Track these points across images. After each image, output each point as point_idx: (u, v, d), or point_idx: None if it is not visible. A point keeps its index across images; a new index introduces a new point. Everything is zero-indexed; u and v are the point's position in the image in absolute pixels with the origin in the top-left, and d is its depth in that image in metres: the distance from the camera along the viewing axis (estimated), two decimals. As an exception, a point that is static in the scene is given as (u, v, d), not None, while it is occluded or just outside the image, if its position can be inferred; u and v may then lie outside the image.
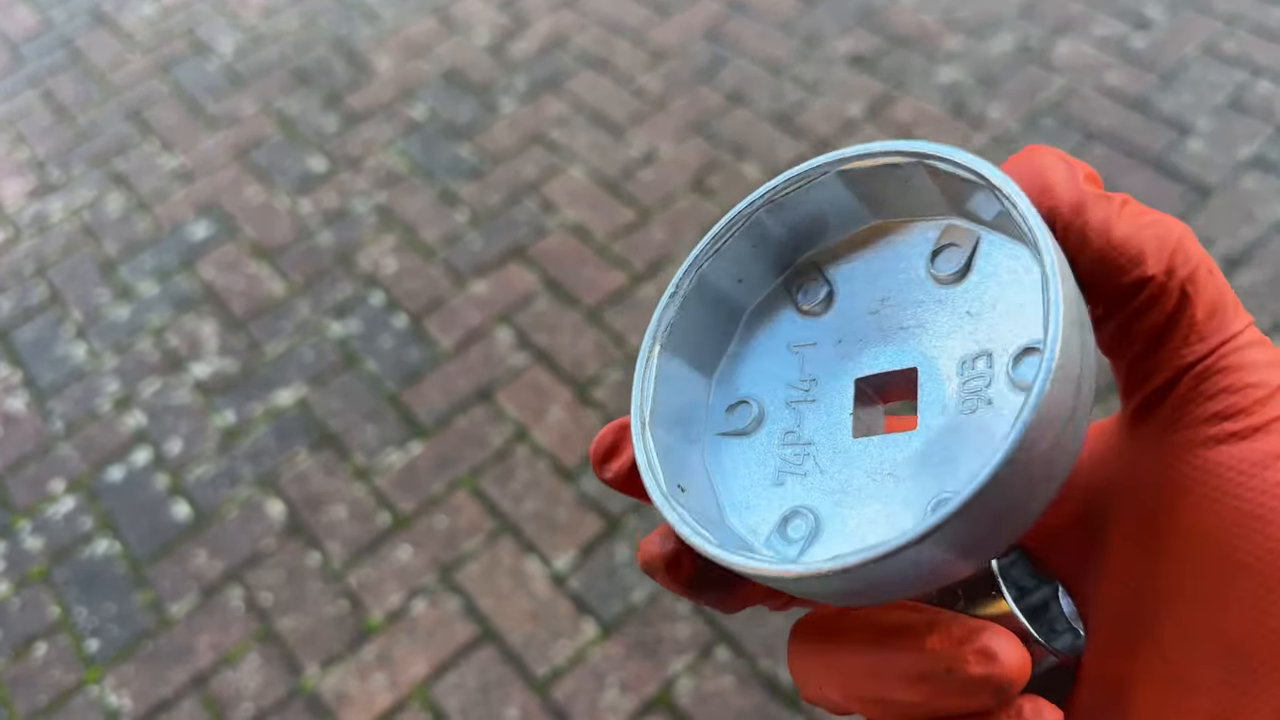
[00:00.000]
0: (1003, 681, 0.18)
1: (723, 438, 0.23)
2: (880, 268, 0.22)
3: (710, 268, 0.23)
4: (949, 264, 0.21)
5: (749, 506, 0.22)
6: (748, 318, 0.24)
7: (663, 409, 0.23)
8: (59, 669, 1.32)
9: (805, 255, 0.24)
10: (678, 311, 0.23)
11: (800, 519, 0.21)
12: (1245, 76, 1.74)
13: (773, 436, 0.22)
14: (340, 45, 2.12)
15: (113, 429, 1.55)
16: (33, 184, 1.96)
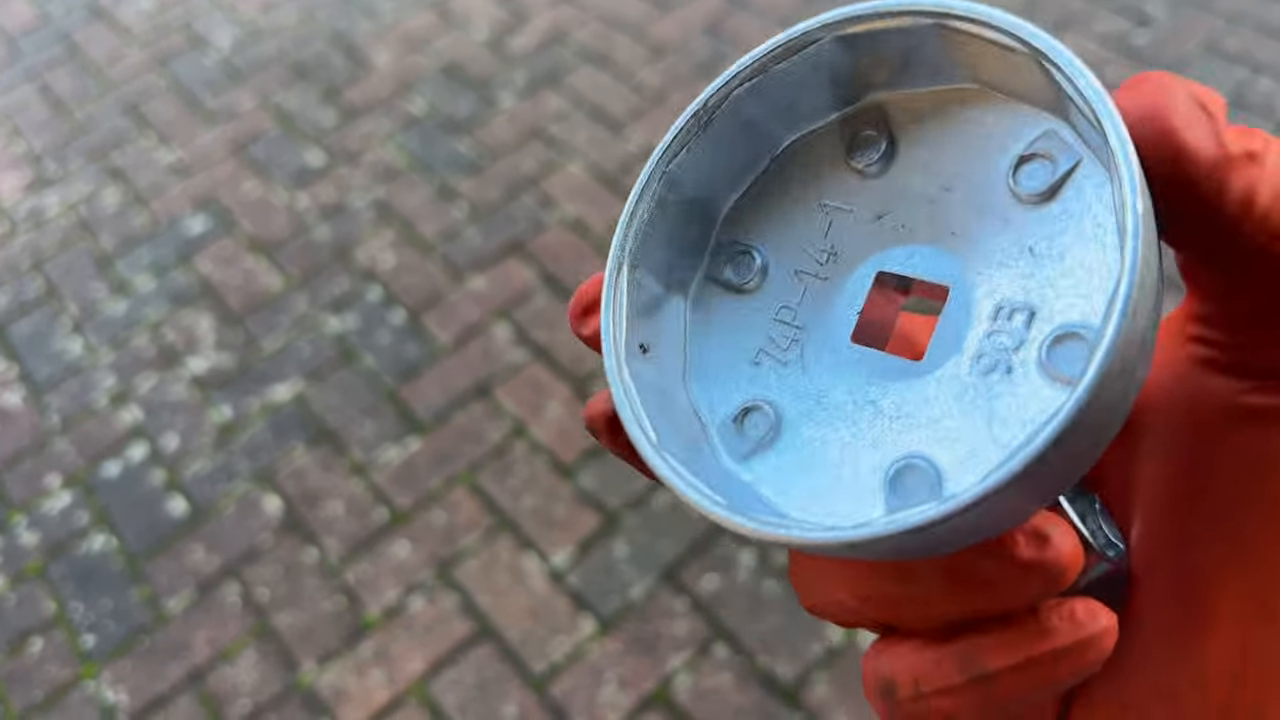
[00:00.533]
0: (1055, 567, 0.16)
1: (713, 287, 0.20)
2: (955, 144, 0.19)
3: (748, 92, 0.19)
4: (1033, 180, 0.17)
5: (716, 380, 0.19)
6: (784, 152, 0.20)
7: (651, 246, 0.20)
8: (55, 665, 1.32)
9: (874, 96, 0.19)
10: (699, 136, 0.19)
11: (761, 415, 0.19)
12: (1246, 74, 1.73)
13: (768, 305, 0.19)
14: (338, 39, 2.11)
15: (109, 424, 1.54)
16: (29, 178, 1.95)
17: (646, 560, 1.31)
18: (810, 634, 1.23)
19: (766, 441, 0.18)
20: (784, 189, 0.20)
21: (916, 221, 0.18)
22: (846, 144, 0.19)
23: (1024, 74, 0.17)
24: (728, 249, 0.20)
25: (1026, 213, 0.17)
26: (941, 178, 0.18)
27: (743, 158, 0.20)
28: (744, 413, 0.19)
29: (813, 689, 1.19)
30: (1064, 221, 0.17)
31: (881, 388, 0.18)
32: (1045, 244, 0.17)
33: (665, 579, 1.29)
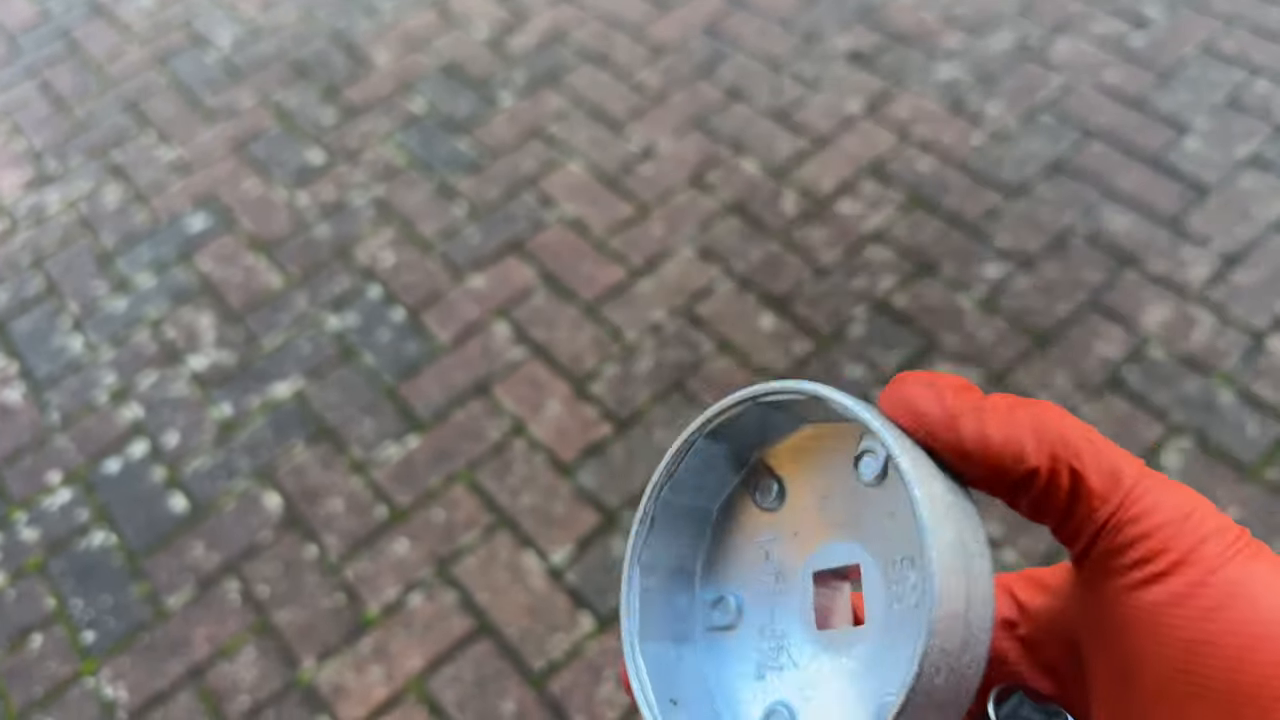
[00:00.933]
0: None
1: (712, 633, 0.26)
2: (818, 466, 0.25)
3: (669, 492, 0.26)
4: (869, 470, 0.24)
5: (738, 701, 0.25)
6: (717, 517, 0.27)
7: (652, 621, 0.25)
8: (55, 660, 1.32)
9: (755, 455, 0.26)
10: (650, 533, 0.26)
11: (780, 715, 0.24)
12: (1243, 76, 1.74)
13: (751, 630, 0.25)
14: (339, 38, 2.12)
15: (110, 421, 1.55)
16: (29, 175, 1.95)
17: (645, 558, 1.31)
18: (808, 632, 1.23)
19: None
20: (728, 543, 0.26)
21: (818, 526, 0.25)
22: (753, 495, 0.26)
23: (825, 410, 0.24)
24: (710, 602, 0.26)
25: (875, 492, 0.24)
26: (820, 490, 0.25)
27: (691, 532, 0.26)
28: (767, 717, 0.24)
29: (810, 687, 1.20)
30: (898, 490, 0.23)
31: (850, 653, 0.23)
32: (895, 508, 0.23)
33: (664, 577, 1.30)
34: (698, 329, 1.53)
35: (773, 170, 1.72)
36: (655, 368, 1.49)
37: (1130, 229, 1.56)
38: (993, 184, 1.65)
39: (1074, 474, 0.22)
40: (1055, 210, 1.60)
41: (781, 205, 1.67)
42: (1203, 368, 1.39)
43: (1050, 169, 1.65)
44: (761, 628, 0.25)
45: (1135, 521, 0.21)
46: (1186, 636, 0.20)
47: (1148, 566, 0.21)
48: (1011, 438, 0.22)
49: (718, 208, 1.68)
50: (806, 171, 1.71)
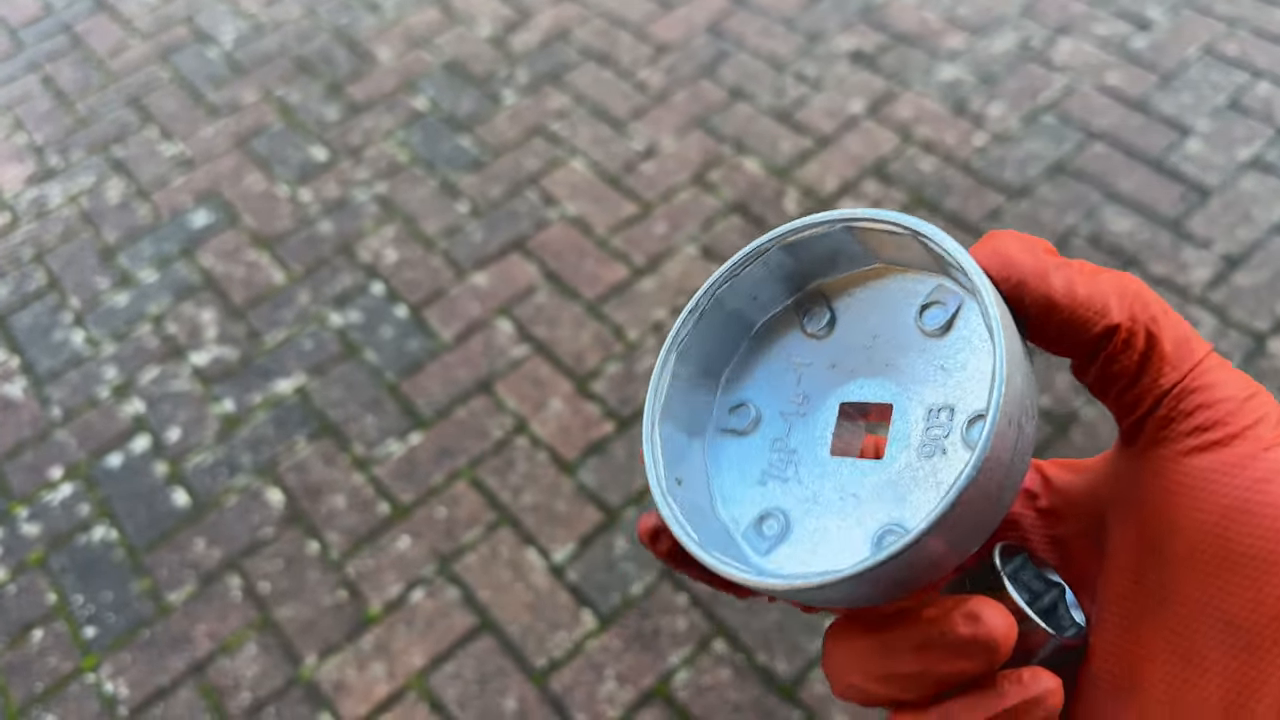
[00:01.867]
0: (988, 640, 0.21)
1: (723, 434, 0.27)
2: (877, 307, 0.26)
3: (726, 291, 0.26)
4: (933, 320, 0.24)
5: (735, 500, 0.25)
6: (758, 330, 0.27)
7: (673, 406, 0.26)
8: (56, 656, 1.32)
9: (814, 283, 0.27)
10: (695, 325, 0.26)
11: (774, 519, 0.25)
12: (1245, 78, 1.74)
13: (764, 440, 0.26)
14: (341, 35, 2.12)
15: (111, 416, 1.55)
16: (31, 169, 1.95)
17: (646, 556, 1.32)
18: (808, 631, 1.24)
19: (780, 537, 0.24)
20: (763, 356, 0.27)
21: (860, 363, 0.25)
22: (801, 318, 0.27)
23: (912, 249, 0.24)
24: (729, 404, 0.27)
25: (934, 342, 0.24)
26: (871, 329, 0.26)
27: (730, 337, 0.27)
28: (760, 519, 0.25)
29: (811, 686, 1.20)
30: (961, 343, 0.24)
31: (858, 483, 0.24)
32: (951, 361, 0.24)
33: (665, 575, 1.30)
34: (700, 328, 1.53)
35: (775, 170, 1.73)
36: (657, 366, 1.49)
37: (1132, 230, 1.56)
38: (995, 185, 1.65)
39: (1149, 336, 0.23)
40: (1057, 211, 1.60)
41: (784, 205, 1.67)
42: (1204, 370, 1.40)
43: (1052, 170, 1.66)
44: (774, 440, 0.26)
45: (1199, 391, 0.22)
46: (1228, 503, 0.21)
47: (1204, 434, 0.22)
48: (1097, 293, 0.23)
49: (720, 207, 1.68)
50: (809, 171, 1.72)
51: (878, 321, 0.25)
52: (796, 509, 0.24)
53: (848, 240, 0.25)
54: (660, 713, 1.20)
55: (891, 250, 0.25)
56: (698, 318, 0.26)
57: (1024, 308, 0.23)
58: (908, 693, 0.22)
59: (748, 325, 0.27)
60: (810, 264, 0.26)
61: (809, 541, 0.24)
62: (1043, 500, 0.26)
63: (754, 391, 0.27)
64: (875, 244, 0.25)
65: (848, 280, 0.26)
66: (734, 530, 0.25)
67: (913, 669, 0.22)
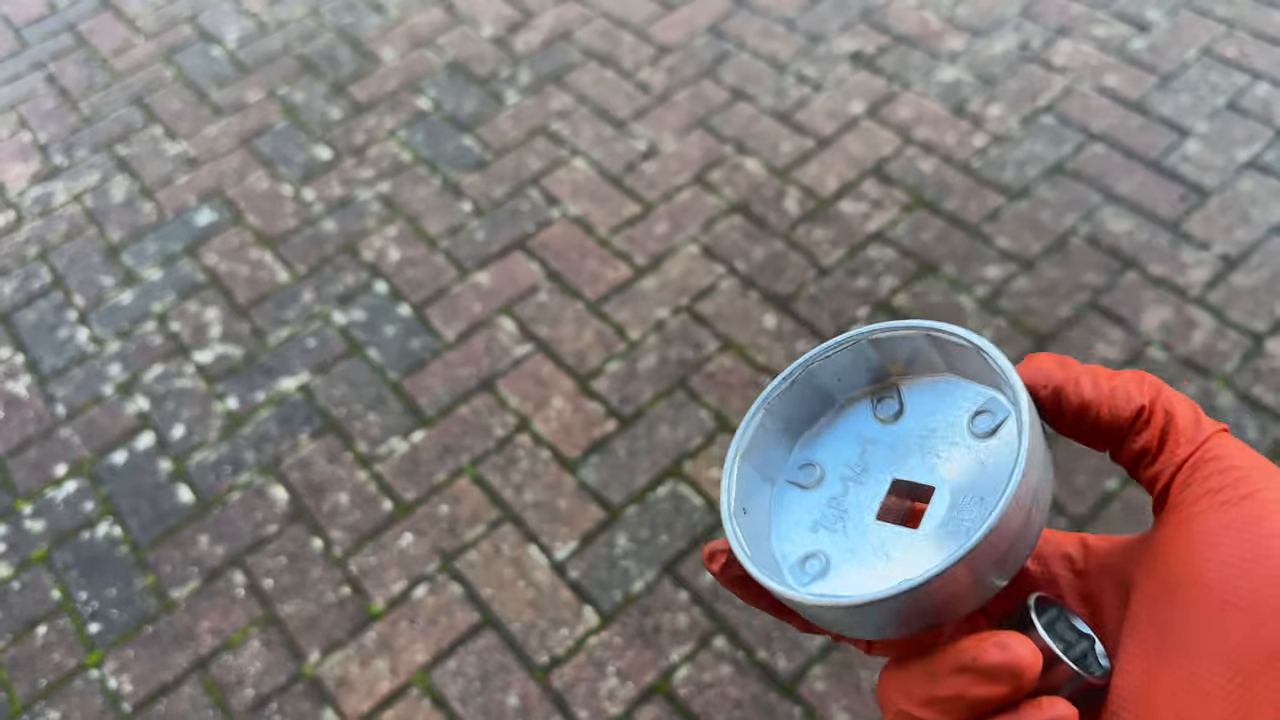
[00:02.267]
0: (1015, 665, 0.24)
1: (790, 485, 0.31)
2: (938, 407, 0.31)
3: (817, 367, 0.32)
4: (982, 425, 0.29)
5: (788, 539, 0.30)
6: (839, 405, 0.32)
7: (754, 451, 0.31)
8: (60, 652, 1.33)
9: (893, 377, 0.32)
10: (786, 390, 0.32)
11: (816, 560, 0.29)
12: (1244, 80, 1.75)
13: (824, 496, 0.31)
14: (345, 34, 2.13)
15: (116, 413, 1.56)
16: (36, 167, 1.96)
17: (648, 554, 1.33)
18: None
19: (819, 575, 0.29)
20: (836, 426, 0.32)
21: (914, 449, 0.30)
22: (875, 403, 0.32)
23: (974, 362, 0.29)
24: (800, 461, 0.32)
25: (978, 443, 0.29)
26: (930, 424, 0.30)
27: (813, 406, 0.32)
28: (805, 558, 0.29)
29: (811, 683, 1.21)
30: (1000, 447, 0.29)
31: (893, 545, 0.29)
32: (990, 460, 0.28)
33: (666, 573, 1.31)
34: (701, 327, 1.54)
35: (776, 170, 1.73)
36: (659, 365, 1.50)
37: (1130, 231, 1.57)
38: (994, 185, 1.66)
39: (1168, 415, 0.27)
40: (1056, 212, 1.61)
41: (784, 205, 1.68)
42: (1202, 370, 1.41)
43: (1051, 171, 1.67)
44: (831, 498, 0.30)
45: (1213, 461, 0.26)
46: (1236, 555, 0.24)
47: (1217, 496, 0.25)
48: (1120, 384, 0.28)
49: (721, 207, 1.69)
50: (809, 171, 1.72)
51: (936, 419, 0.30)
52: (837, 556, 0.29)
53: (924, 345, 0.30)
54: (661, 709, 1.21)
55: (958, 360, 0.30)
56: (789, 384, 0.32)
57: (1060, 411, 0.28)
58: (947, 716, 0.25)
59: (829, 400, 0.32)
60: (891, 361, 0.31)
61: (841, 583, 0.28)
62: (1079, 563, 0.30)
63: (823, 454, 0.31)
64: (945, 352, 0.30)
65: (919, 380, 0.31)
66: (782, 563, 0.30)
67: (950, 693, 0.25)
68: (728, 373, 1.48)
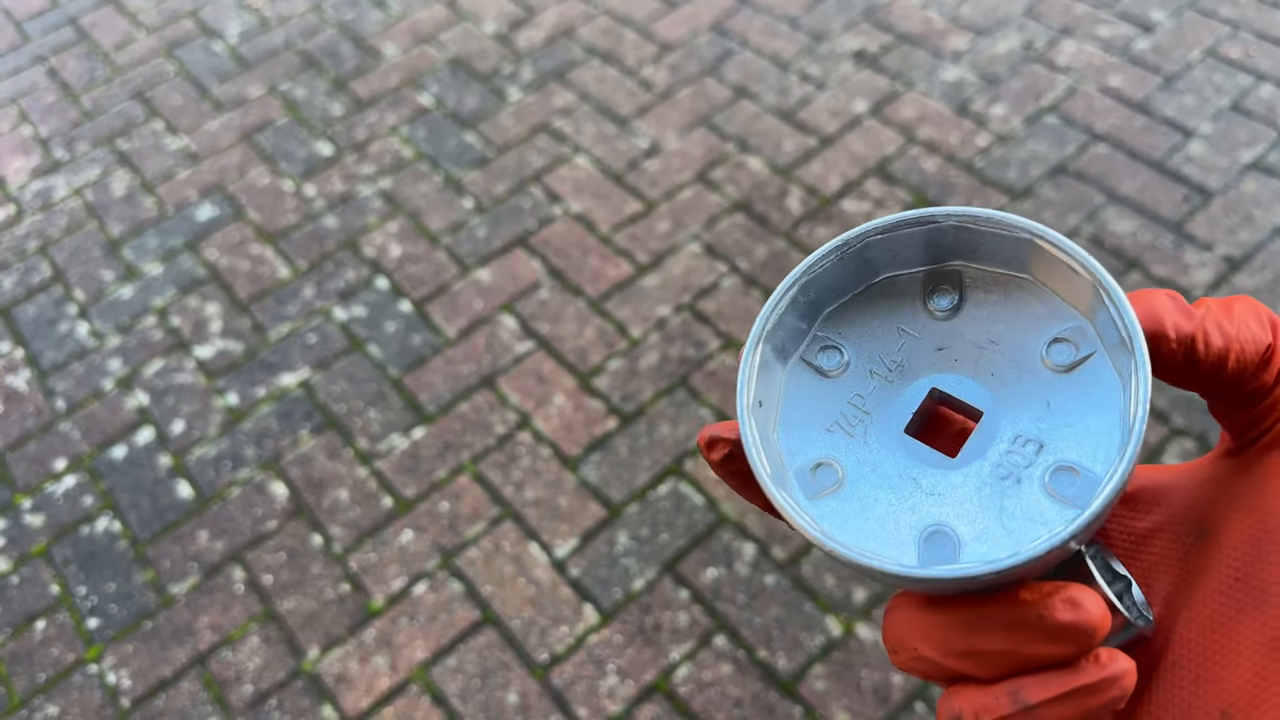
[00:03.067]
0: (1086, 627, 0.21)
1: (806, 366, 0.26)
2: (1007, 315, 0.25)
3: (876, 240, 0.26)
4: (1060, 356, 0.24)
5: (797, 435, 0.25)
6: (880, 283, 0.26)
7: (777, 328, 0.26)
8: (58, 647, 1.33)
9: (955, 262, 0.26)
10: (835, 262, 0.26)
11: (830, 471, 0.24)
12: (1248, 81, 1.75)
13: (846, 390, 0.25)
14: (347, 30, 2.12)
15: (115, 408, 1.55)
16: (36, 161, 1.96)
17: (648, 552, 1.32)
18: (809, 627, 1.24)
19: (832, 490, 0.24)
20: (873, 309, 0.26)
21: (967, 359, 0.25)
22: (927, 291, 0.26)
23: (1073, 284, 0.24)
24: (822, 341, 0.26)
25: (1050, 376, 0.24)
26: (992, 334, 0.25)
27: (851, 280, 0.26)
28: (818, 465, 0.24)
29: (811, 682, 1.20)
30: (1079, 389, 0.24)
31: (922, 470, 0.24)
32: (1060, 402, 0.24)
33: (666, 571, 1.31)
34: (703, 325, 1.54)
35: (778, 168, 1.73)
36: (660, 363, 1.50)
37: (1134, 232, 1.57)
38: (997, 185, 1.66)
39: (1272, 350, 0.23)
40: (1059, 212, 1.61)
41: (787, 203, 1.68)
42: (1204, 371, 1.40)
43: (1054, 171, 1.66)
44: (855, 395, 0.25)
45: None
46: None
47: None
48: (1243, 323, 0.24)
49: (724, 205, 1.69)
50: (812, 170, 1.72)
51: (1001, 329, 0.25)
52: (855, 469, 0.24)
53: (1020, 249, 0.25)
54: (661, 708, 1.20)
55: (1050, 275, 0.25)
56: (839, 256, 0.26)
57: (1192, 364, 0.24)
58: (984, 670, 0.22)
59: (872, 273, 0.26)
60: (966, 248, 0.26)
61: (858, 505, 0.24)
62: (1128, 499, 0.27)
63: (851, 339, 0.26)
64: (1041, 263, 0.25)
65: (989, 277, 0.26)
66: (788, 462, 0.25)
67: (999, 647, 0.22)
68: (729, 371, 1.48)
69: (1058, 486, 0.23)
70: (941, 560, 0.23)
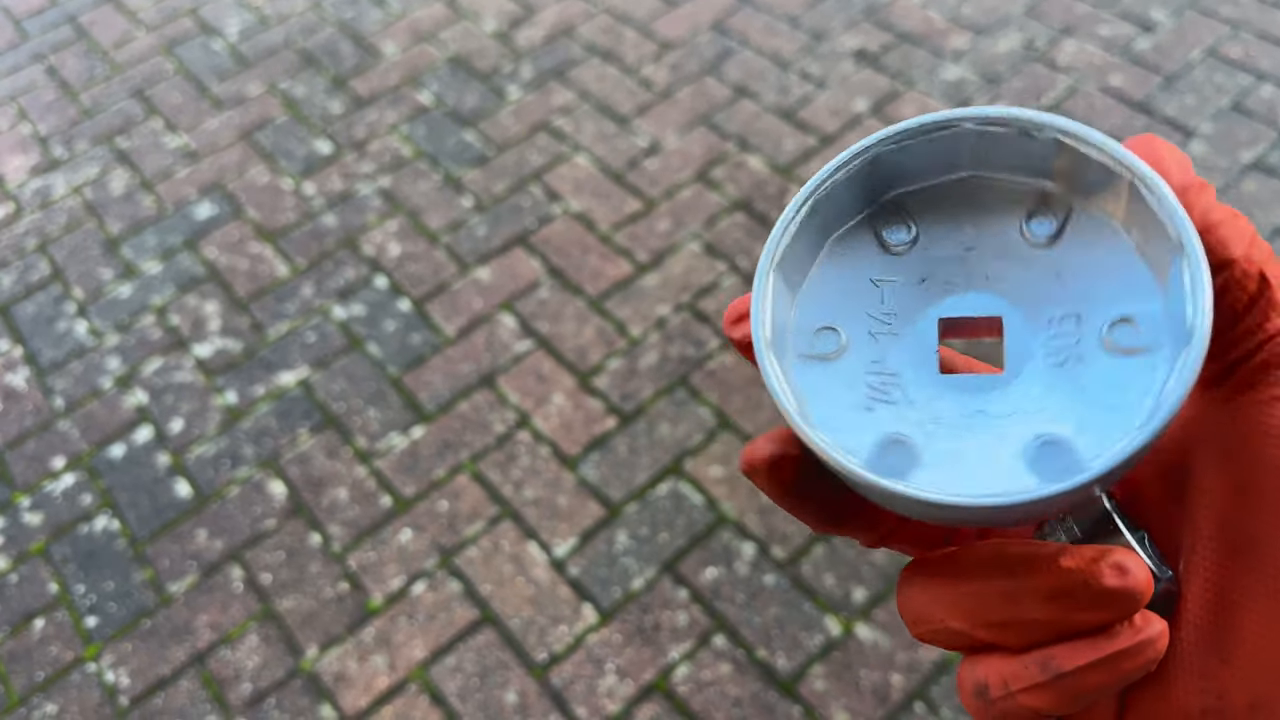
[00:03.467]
0: (1135, 592, 0.20)
1: (806, 361, 0.24)
2: (970, 218, 0.24)
3: (819, 197, 0.24)
4: (1042, 228, 0.23)
5: (839, 429, 0.22)
6: (830, 244, 0.24)
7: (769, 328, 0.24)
8: (57, 645, 1.33)
9: (892, 193, 0.24)
10: (793, 237, 0.23)
11: (898, 445, 0.22)
12: (1248, 80, 1.75)
13: (858, 363, 0.23)
14: (346, 28, 2.12)
15: (114, 407, 1.55)
16: (36, 160, 1.95)
17: (647, 552, 1.32)
18: (809, 627, 1.24)
19: (911, 463, 0.22)
20: (837, 275, 0.24)
21: (954, 275, 0.23)
22: (877, 232, 0.24)
23: (1022, 155, 0.22)
24: (814, 328, 0.24)
25: (1041, 252, 0.23)
26: (964, 241, 0.23)
27: (810, 252, 0.24)
28: (882, 445, 0.22)
29: (811, 681, 1.20)
30: (1076, 250, 0.22)
31: (983, 398, 0.22)
32: (1067, 269, 0.22)
33: (666, 570, 1.30)
34: (702, 324, 1.53)
35: (778, 167, 1.73)
36: (660, 362, 1.50)
37: (1134, 232, 1.56)
38: (998, 185, 1.66)
39: (1263, 280, 0.22)
40: (1060, 212, 1.61)
41: (786, 202, 1.68)
42: (1204, 371, 1.40)
43: (1055, 171, 1.66)
44: (871, 362, 0.23)
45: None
46: None
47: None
48: (1223, 223, 0.22)
49: (724, 204, 1.69)
50: (812, 169, 1.72)
51: (970, 233, 0.23)
52: (917, 432, 0.22)
53: (948, 146, 0.23)
54: (660, 707, 1.20)
55: (998, 154, 0.23)
56: (796, 229, 0.23)
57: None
58: (1018, 639, 0.21)
59: (821, 238, 0.24)
60: (889, 170, 0.24)
61: (946, 465, 0.22)
62: None
63: (835, 313, 0.24)
64: (982, 147, 0.23)
65: (931, 191, 0.24)
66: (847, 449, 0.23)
67: (1042, 616, 0.21)
68: (729, 370, 1.48)
69: (1123, 341, 0.22)
70: (1064, 466, 0.21)
